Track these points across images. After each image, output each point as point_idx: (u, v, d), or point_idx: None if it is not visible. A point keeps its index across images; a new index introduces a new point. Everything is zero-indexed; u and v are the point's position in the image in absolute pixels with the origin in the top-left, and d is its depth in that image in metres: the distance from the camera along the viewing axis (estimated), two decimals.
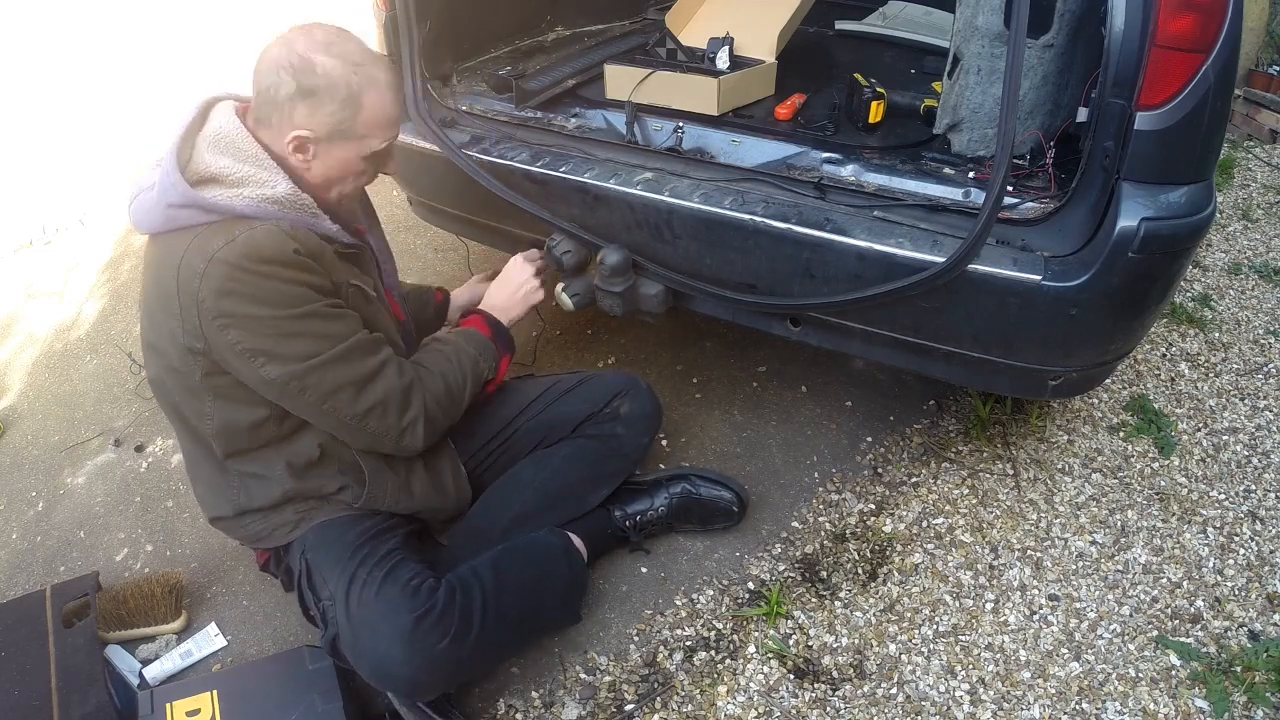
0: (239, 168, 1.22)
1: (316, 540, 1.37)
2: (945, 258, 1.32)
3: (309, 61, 1.21)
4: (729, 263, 1.56)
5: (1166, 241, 1.26)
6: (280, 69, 1.21)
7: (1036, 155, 1.46)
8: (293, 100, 1.22)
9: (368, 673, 1.28)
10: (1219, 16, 1.16)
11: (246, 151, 1.24)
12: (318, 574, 1.35)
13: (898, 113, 1.73)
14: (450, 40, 1.94)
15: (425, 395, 1.37)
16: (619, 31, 2.28)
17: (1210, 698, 1.42)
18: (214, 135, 1.24)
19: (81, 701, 1.40)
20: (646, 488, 1.70)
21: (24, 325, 2.71)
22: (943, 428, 2.01)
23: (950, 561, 1.68)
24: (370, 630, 1.25)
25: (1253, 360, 2.18)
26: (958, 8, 1.48)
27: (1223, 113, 1.24)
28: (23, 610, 1.58)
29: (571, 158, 1.70)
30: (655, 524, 1.69)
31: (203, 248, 1.18)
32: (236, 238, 1.18)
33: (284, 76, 1.21)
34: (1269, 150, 3.26)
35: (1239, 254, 2.62)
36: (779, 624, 1.58)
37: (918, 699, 1.45)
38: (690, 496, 1.70)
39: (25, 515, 1.98)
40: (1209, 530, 1.72)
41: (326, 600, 1.32)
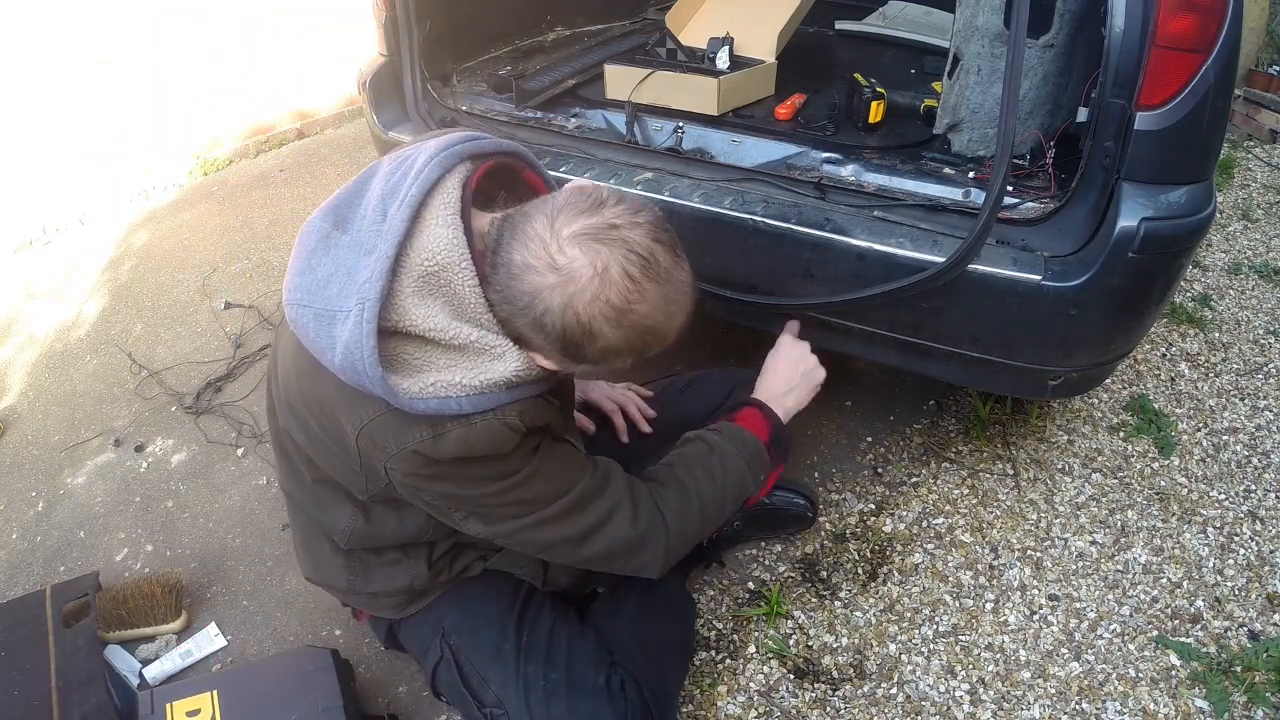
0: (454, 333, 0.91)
1: (459, 621, 1.24)
2: (945, 258, 1.32)
3: (590, 332, 0.90)
4: (729, 263, 1.56)
5: (1166, 241, 1.26)
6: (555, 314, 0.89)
7: (1036, 155, 1.46)
8: (550, 348, 0.93)
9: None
10: (1219, 16, 1.16)
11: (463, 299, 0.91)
12: (471, 669, 1.22)
13: (898, 113, 1.73)
14: (450, 40, 1.94)
15: (667, 536, 1.15)
16: (619, 31, 2.28)
17: (1210, 698, 1.42)
18: (427, 267, 0.90)
19: (81, 701, 1.40)
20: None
21: (24, 325, 2.71)
22: (943, 428, 2.01)
23: (950, 561, 1.68)
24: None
25: (1253, 360, 2.17)
26: (958, 8, 1.48)
27: (1223, 113, 1.24)
28: (23, 610, 1.58)
29: (571, 158, 1.70)
30: (729, 538, 1.67)
31: (398, 433, 0.95)
32: (445, 434, 0.94)
33: (550, 324, 0.89)
34: (1269, 150, 3.26)
35: (1239, 254, 2.62)
36: (779, 624, 1.58)
37: (918, 699, 1.45)
38: (763, 506, 1.66)
39: (25, 515, 1.98)
40: (1209, 530, 1.72)
41: (494, 708, 1.19)
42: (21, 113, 3.08)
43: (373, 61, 1.92)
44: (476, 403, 0.93)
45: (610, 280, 0.87)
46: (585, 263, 0.87)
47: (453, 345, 0.92)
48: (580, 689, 1.18)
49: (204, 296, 2.66)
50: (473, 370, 0.92)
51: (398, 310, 0.90)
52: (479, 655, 1.22)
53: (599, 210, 0.90)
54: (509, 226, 0.91)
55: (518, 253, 0.89)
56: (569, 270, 0.87)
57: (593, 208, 0.90)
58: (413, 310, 0.90)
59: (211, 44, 3.49)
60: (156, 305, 2.68)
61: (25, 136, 3.11)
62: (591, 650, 1.24)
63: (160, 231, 3.13)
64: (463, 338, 0.91)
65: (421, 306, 0.90)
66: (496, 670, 1.20)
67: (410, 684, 1.52)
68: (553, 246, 0.87)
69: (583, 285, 0.87)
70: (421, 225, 0.91)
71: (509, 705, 1.18)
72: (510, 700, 1.18)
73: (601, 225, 0.88)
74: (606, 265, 0.87)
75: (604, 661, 1.22)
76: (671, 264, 0.92)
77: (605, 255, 0.87)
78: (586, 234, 0.88)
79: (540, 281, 0.88)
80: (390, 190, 0.95)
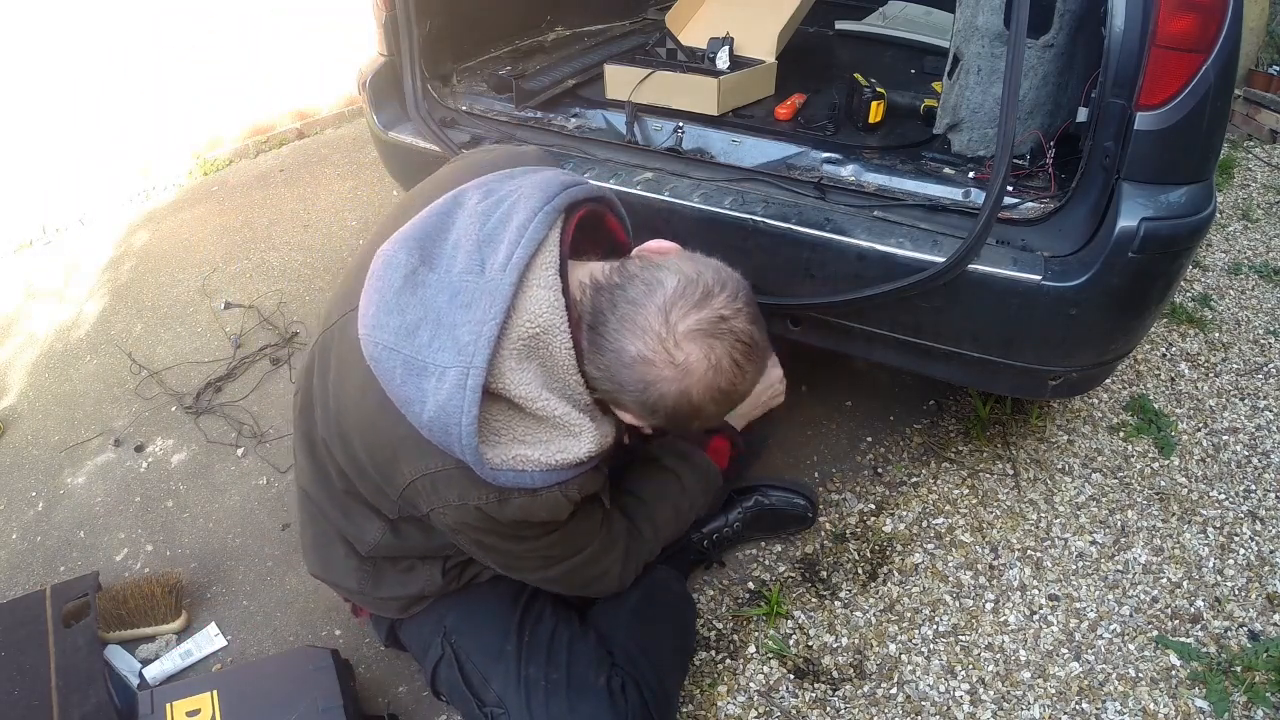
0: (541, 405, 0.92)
1: (461, 621, 1.26)
2: (945, 258, 1.32)
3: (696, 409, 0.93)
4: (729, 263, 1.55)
5: (1166, 241, 1.26)
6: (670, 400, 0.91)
7: (1036, 155, 1.46)
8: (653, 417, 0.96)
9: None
10: (1219, 16, 1.16)
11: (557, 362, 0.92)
12: (472, 668, 1.23)
13: (898, 113, 1.73)
14: (450, 40, 1.94)
15: (637, 564, 1.29)
16: (619, 31, 2.28)
17: (1210, 698, 1.42)
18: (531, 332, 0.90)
19: (81, 701, 1.40)
20: (719, 504, 1.67)
21: (24, 325, 2.71)
22: (943, 428, 2.01)
23: (950, 561, 1.68)
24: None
25: (1253, 360, 2.17)
26: (958, 8, 1.48)
27: (1223, 113, 1.24)
28: (23, 610, 1.58)
29: (571, 158, 1.70)
30: (730, 539, 1.68)
31: (463, 490, 0.97)
32: (509, 500, 0.97)
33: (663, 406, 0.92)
34: (1269, 150, 3.26)
35: (1239, 254, 2.62)
36: (779, 624, 1.58)
37: (918, 699, 1.45)
38: (763, 507, 1.68)
39: (25, 515, 1.98)
40: (1209, 530, 1.72)
41: (494, 708, 1.21)
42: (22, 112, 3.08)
43: (373, 61, 1.92)
44: (547, 479, 0.95)
45: (722, 370, 0.91)
46: (701, 357, 0.90)
47: (537, 416, 0.92)
48: (581, 690, 1.18)
49: (204, 296, 2.66)
50: (550, 447, 0.94)
51: (494, 373, 0.89)
52: (480, 655, 1.22)
53: (708, 303, 0.91)
54: (612, 306, 0.91)
55: (631, 344, 0.90)
56: (686, 366, 0.90)
57: (703, 300, 0.91)
58: (509, 375, 0.90)
59: (211, 44, 3.49)
60: (156, 305, 2.67)
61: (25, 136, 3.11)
62: (592, 651, 1.24)
63: (160, 231, 3.13)
64: (548, 410, 0.92)
65: (519, 372, 0.90)
66: (498, 670, 1.21)
67: (410, 684, 1.52)
68: (670, 343, 0.89)
69: (699, 377, 0.90)
70: (525, 285, 0.90)
71: (510, 705, 1.18)
72: (511, 700, 1.18)
73: (713, 319, 0.90)
74: (720, 359, 0.91)
75: (604, 662, 1.23)
76: (763, 340, 0.97)
77: (719, 350, 0.90)
78: (701, 330, 0.90)
79: (657, 374, 0.90)
80: (487, 237, 0.93)
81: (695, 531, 1.63)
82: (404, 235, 0.97)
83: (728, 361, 0.91)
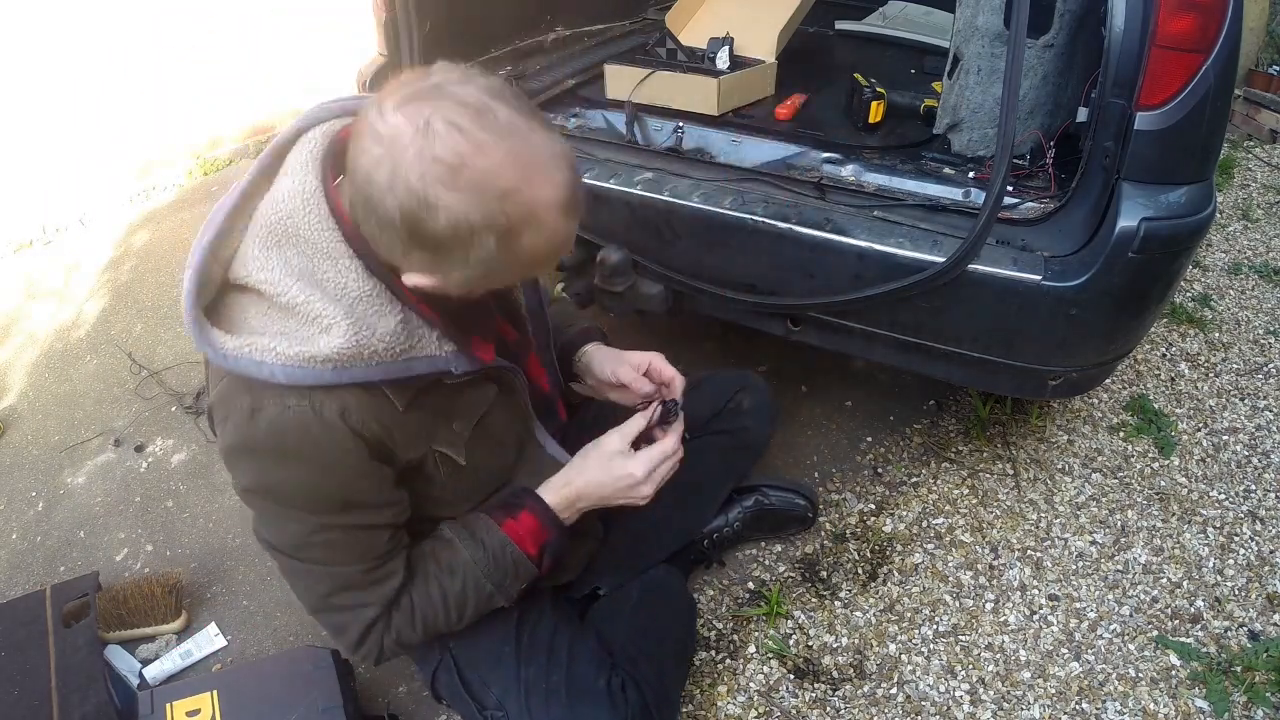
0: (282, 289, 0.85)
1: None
2: (945, 258, 1.32)
3: (426, 203, 0.77)
4: (729, 263, 1.56)
5: (1166, 241, 1.26)
6: (386, 190, 0.77)
7: (1036, 155, 1.46)
8: (404, 242, 0.81)
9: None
10: (1219, 16, 1.16)
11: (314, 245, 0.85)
12: (471, 672, 1.20)
13: (898, 113, 1.73)
14: (450, 40, 1.94)
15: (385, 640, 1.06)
16: (619, 31, 2.28)
17: (1210, 698, 1.42)
18: (272, 217, 0.86)
19: (81, 701, 1.40)
20: (720, 505, 1.66)
21: (24, 325, 2.71)
22: (943, 428, 2.01)
23: (950, 561, 1.68)
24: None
25: (1253, 360, 2.17)
26: (958, 8, 1.48)
27: (1223, 113, 1.24)
28: (23, 610, 1.58)
29: None
30: (730, 539, 1.67)
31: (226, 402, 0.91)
32: (262, 412, 0.87)
33: (389, 206, 0.78)
34: (1269, 150, 3.26)
35: (1239, 254, 2.62)
36: (779, 624, 1.58)
37: (918, 699, 1.45)
38: (764, 507, 1.67)
39: (25, 515, 1.98)
40: (1209, 530, 1.72)
41: (495, 711, 1.18)
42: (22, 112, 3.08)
43: (373, 61, 1.92)
44: (290, 374, 0.84)
45: (434, 133, 0.75)
46: (405, 123, 0.76)
47: (284, 306, 0.85)
48: (581, 692, 1.17)
49: None
50: (292, 338, 0.85)
51: (240, 260, 0.87)
52: (479, 658, 1.21)
53: (425, 77, 0.79)
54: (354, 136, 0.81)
55: (354, 146, 0.80)
56: (391, 137, 0.76)
57: (420, 76, 0.80)
58: (252, 262, 0.86)
59: (211, 44, 3.49)
60: (156, 305, 2.68)
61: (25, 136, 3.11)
62: (592, 653, 1.23)
63: (160, 231, 3.13)
64: (292, 298, 0.84)
65: (263, 259, 0.85)
66: (497, 673, 1.20)
67: (410, 684, 1.52)
68: (378, 122, 0.77)
69: (405, 145, 0.75)
70: (277, 179, 0.89)
71: (510, 708, 1.18)
72: (511, 703, 1.17)
73: (425, 87, 0.78)
74: (428, 120, 0.75)
75: (605, 664, 1.22)
76: (518, 120, 0.79)
77: (426, 111, 0.76)
78: (408, 98, 0.77)
79: (369, 160, 0.77)
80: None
81: None
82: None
83: (440, 124, 0.75)
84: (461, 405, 1.03)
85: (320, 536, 0.97)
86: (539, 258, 0.87)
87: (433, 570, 1.07)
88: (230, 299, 0.90)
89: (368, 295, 0.87)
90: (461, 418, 1.04)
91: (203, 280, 0.87)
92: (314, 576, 1.01)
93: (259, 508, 0.98)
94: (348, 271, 0.86)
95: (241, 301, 0.89)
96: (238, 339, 0.85)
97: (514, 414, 1.15)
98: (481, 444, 1.08)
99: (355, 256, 0.86)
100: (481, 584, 1.08)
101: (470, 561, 1.07)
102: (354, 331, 0.85)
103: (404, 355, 0.91)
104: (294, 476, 0.92)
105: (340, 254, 0.86)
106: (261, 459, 0.91)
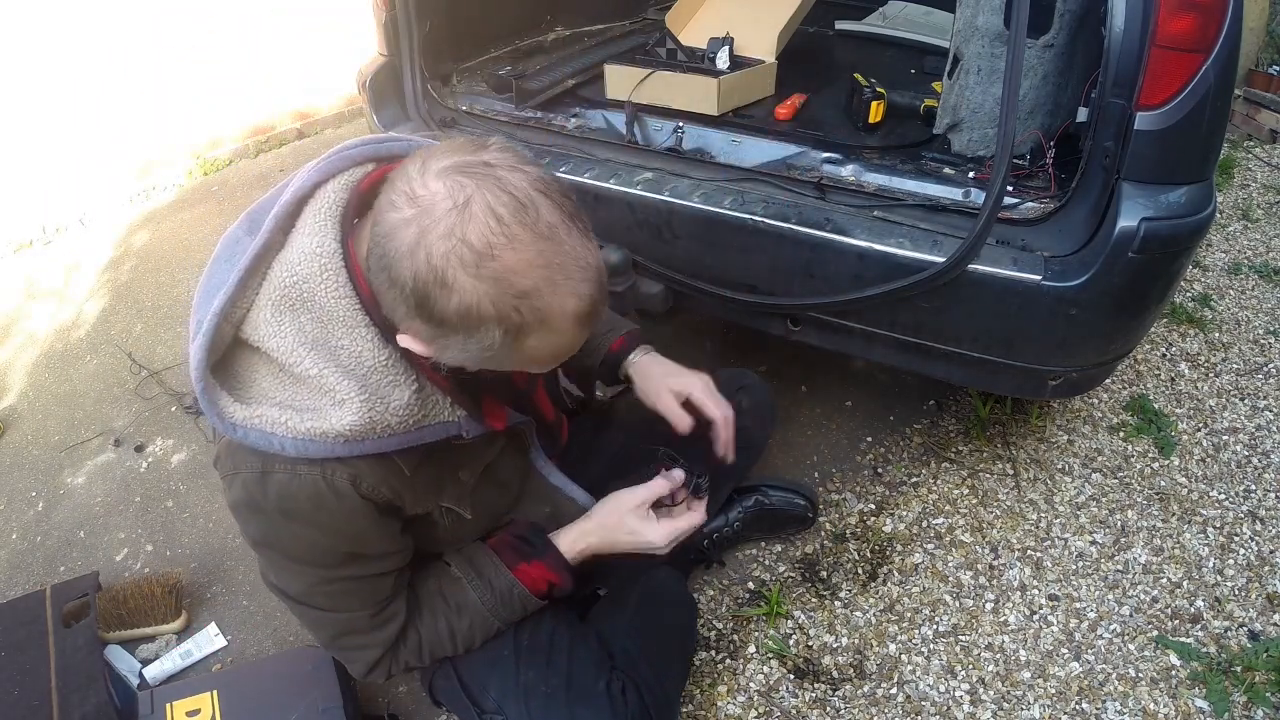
0: (295, 360, 0.83)
1: None
2: (945, 258, 1.32)
3: (442, 279, 0.73)
4: (729, 263, 1.56)
5: (1166, 241, 1.26)
6: (407, 255, 0.74)
7: (1036, 155, 1.46)
8: (410, 313, 0.78)
9: None
10: (1219, 16, 1.16)
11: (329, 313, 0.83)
12: (469, 676, 1.20)
13: (898, 113, 1.73)
14: (450, 40, 1.94)
15: (393, 668, 1.10)
16: (619, 31, 2.28)
17: (1210, 698, 1.42)
18: (287, 280, 0.83)
19: (81, 701, 1.40)
20: (720, 505, 1.66)
21: (24, 325, 2.71)
22: (943, 428, 2.01)
23: (950, 561, 1.68)
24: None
25: (1253, 360, 2.17)
26: (958, 8, 1.48)
27: (1223, 113, 1.24)
28: (23, 610, 1.58)
29: (571, 158, 1.70)
30: (730, 539, 1.67)
31: (234, 458, 0.90)
32: (271, 476, 0.87)
33: (404, 270, 0.75)
34: (1269, 150, 3.26)
35: (1239, 254, 2.62)
36: (779, 624, 1.58)
37: (918, 699, 1.45)
38: (763, 507, 1.67)
39: (25, 515, 1.98)
40: (1209, 530, 1.72)
41: (494, 714, 1.18)
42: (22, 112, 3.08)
43: (373, 61, 1.92)
44: (300, 447, 0.83)
45: (471, 215, 0.72)
46: (445, 194, 0.73)
47: (297, 376, 0.83)
48: (580, 694, 1.17)
49: None
50: (304, 414, 0.83)
51: (250, 324, 0.84)
52: (477, 661, 1.20)
53: (478, 151, 0.76)
54: (386, 185, 0.78)
55: (384, 197, 0.77)
56: (427, 203, 0.73)
57: (473, 149, 0.77)
58: (264, 327, 0.83)
59: (211, 44, 3.49)
60: (156, 305, 2.68)
61: (25, 136, 3.11)
62: (592, 655, 1.22)
63: (160, 231, 3.13)
64: (305, 369, 0.82)
65: (275, 324, 0.83)
66: (495, 676, 1.19)
67: (410, 684, 1.52)
68: (416, 181, 0.74)
69: (438, 217, 0.72)
70: (292, 237, 0.85)
71: (509, 712, 1.17)
72: (510, 706, 1.17)
73: (475, 162, 0.75)
74: (469, 199, 0.73)
75: (604, 666, 1.21)
76: (559, 224, 0.76)
77: (470, 189, 0.73)
78: (455, 168, 0.74)
79: (396, 219, 0.74)
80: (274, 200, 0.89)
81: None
82: (247, 211, 0.95)
83: (479, 207, 0.72)
84: (468, 457, 1.04)
85: (325, 588, 0.98)
86: (540, 359, 0.85)
87: (440, 608, 1.10)
88: (241, 356, 0.88)
89: (383, 365, 0.85)
90: (468, 467, 1.05)
91: (213, 346, 0.85)
92: (320, 622, 1.04)
93: (266, 558, 0.99)
94: (363, 340, 0.84)
95: (253, 361, 0.87)
96: (246, 409, 0.84)
97: (519, 457, 1.17)
98: (487, 489, 1.10)
99: (372, 325, 0.84)
100: (489, 621, 1.12)
101: (478, 603, 1.10)
102: (367, 408, 0.83)
103: (416, 426, 0.89)
104: (301, 536, 0.92)
105: (357, 323, 0.83)
106: (269, 518, 0.90)
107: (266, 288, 0.85)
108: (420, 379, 0.88)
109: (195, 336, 0.85)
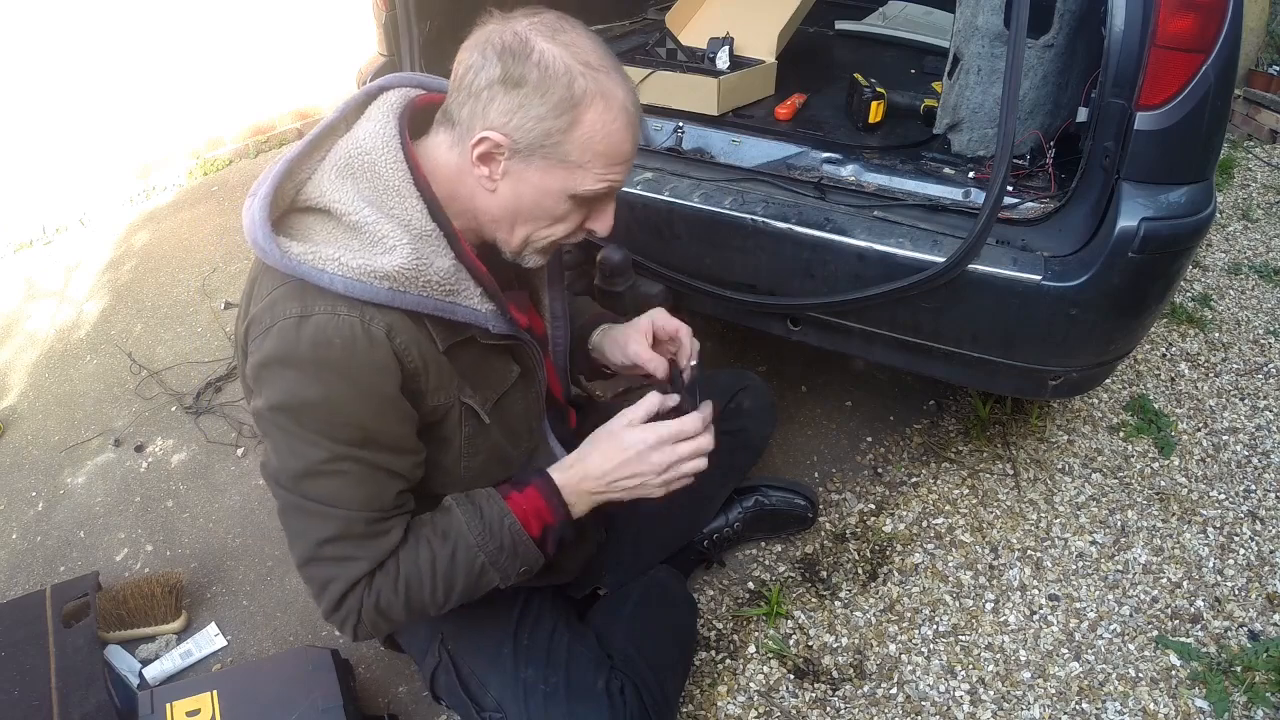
0: (353, 209, 0.91)
1: (458, 625, 1.21)
2: (945, 258, 1.32)
3: (526, 44, 0.89)
4: (729, 263, 1.56)
5: (1166, 241, 1.26)
6: (487, 47, 0.90)
7: (1036, 155, 1.46)
8: (493, 89, 0.90)
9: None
10: (1219, 16, 1.16)
11: (386, 182, 0.92)
12: (469, 673, 1.20)
13: (898, 113, 1.73)
14: (451, 40, 1.93)
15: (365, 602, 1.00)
16: (619, 31, 2.28)
17: (1210, 698, 1.42)
18: (352, 151, 0.94)
19: (81, 701, 1.40)
20: (720, 505, 1.66)
21: (24, 325, 2.71)
22: (943, 428, 2.01)
23: (950, 561, 1.68)
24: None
25: (1253, 360, 2.17)
26: (958, 8, 1.48)
27: (1223, 113, 1.24)
28: (23, 610, 1.58)
29: None
30: (730, 539, 1.67)
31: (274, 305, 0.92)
32: (309, 318, 0.89)
33: (489, 56, 0.90)
34: (1269, 150, 3.26)
35: (1239, 254, 2.62)
36: (779, 624, 1.58)
37: (918, 699, 1.45)
38: (764, 507, 1.68)
39: (25, 515, 1.98)
40: (1209, 530, 1.72)
41: (493, 712, 1.18)
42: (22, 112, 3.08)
43: (372, 61, 1.92)
44: (348, 285, 0.89)
45: (544, 16, 0.93)
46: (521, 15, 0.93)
47: (352, 225, 0.92)
48: (580, 694, 1.17)
49: (204, 296, 2.66)
50: (356, 251, 0.91)
51: (314, 185, 0.94)
52: (478, 659, 1.21)
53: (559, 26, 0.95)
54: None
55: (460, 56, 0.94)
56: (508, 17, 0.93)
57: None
58: (326, 184, 0.94)
59: (211, 44, 3.49)
60: (156, 305, 2.68)
61: (25, 136, 3.11)
62: (591, 654, 1.23)
63: (160, 231, 3.13)
64: (362, 218, 0.91)
65: (337, 185, 0.93)
66: (495, 675, 1.19)
67: (410, 684, 1.52)
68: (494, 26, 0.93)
69: (518, 18, 0.92)
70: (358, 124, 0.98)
71: (508, 710, 1.17)
72: (509, 704, 1.17)
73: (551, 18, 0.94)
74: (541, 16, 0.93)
75: (603, 665, 1.21)
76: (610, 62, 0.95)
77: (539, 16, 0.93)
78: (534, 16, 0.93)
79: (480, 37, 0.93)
80: None
81: None
82: None
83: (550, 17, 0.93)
84: (486, 373, 1.06)
85: (333, 466, 0.94)
86: (593, 145, 0.94)
87: (425, 534, 1.03)
88: (296, 219, 0.96)
89: (429, 234, 0.93)
90: (485, 388, 1.06)
91: (275, 199, 0.92)
92: (315, 517, 0.97)
93: (279, 428, 0.94)
94: (414, 210, 0.93)
95: (308, 220, 0.95)
96: (303, 245, 0.91)
97: (530, 406, 1.15)
98: (498, 424, 1.08)
99: (422, 199, 0.93)
100: (473, 554, 1.02)
101: (464, 527, 1.02)
102: (415, 256, 0.91)
103: (450, 298, 0.96)
104: (324, 393, 0.91)
105: (409, 193, 0.93)
106: (296, 370, 0.90)
107: (330, 158, 0.96)
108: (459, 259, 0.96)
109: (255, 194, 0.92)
